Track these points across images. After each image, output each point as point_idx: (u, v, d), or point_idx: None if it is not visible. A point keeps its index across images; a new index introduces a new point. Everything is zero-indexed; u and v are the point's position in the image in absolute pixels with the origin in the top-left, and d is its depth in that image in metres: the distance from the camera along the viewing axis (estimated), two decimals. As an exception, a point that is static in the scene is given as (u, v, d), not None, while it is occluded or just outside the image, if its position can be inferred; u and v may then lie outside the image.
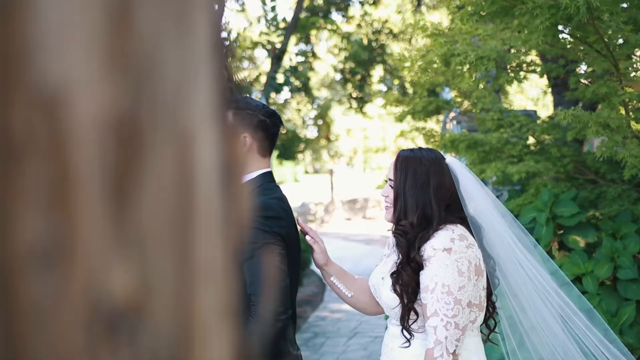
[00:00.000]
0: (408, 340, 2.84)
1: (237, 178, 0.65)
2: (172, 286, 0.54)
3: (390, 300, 2.90)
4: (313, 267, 14.59)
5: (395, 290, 2.85)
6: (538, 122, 6.63)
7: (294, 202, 28.04)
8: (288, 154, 16.19)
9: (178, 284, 0.55)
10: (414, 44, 13.11)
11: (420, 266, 2.77)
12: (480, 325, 2.88)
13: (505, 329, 3.07)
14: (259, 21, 12.40)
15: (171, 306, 0.54)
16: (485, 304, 2.83)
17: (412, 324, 2.83)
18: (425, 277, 2.74)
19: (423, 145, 7.40)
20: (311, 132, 26.17)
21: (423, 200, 2.83)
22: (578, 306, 3.08)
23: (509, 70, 5.66)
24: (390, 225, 2.98)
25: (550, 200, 5.53)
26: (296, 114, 20.62)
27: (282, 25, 11.89)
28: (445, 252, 2.71)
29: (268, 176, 3.35)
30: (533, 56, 6.14)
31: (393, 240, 2.98)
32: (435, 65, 6.26)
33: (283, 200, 3.31)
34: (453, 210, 2.86)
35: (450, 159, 2.93)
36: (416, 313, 2.82)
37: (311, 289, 13.20)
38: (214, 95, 0.60)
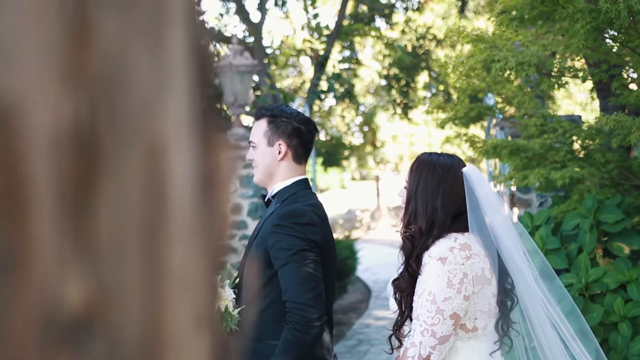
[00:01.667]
0: (400, 345, 2.87)
1: (218, 189, 0.65)
2: (137, 296, 0.54)
3: (394, 307, 2.94)
4: (358, 274, 14.57)
5: (395, 298, 2.90)
6: (583, 127, 6.54)
7: (340, 209, 28.03)
8: (332, 160, 16.19)
9: (145, 294, 0.55)
10: (457, 50, 13.06)
11: (416, 273, 2.81)
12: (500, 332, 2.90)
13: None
14: (302, 28, 12.45)
15: (135, 316, 0.54)
16: (496, 311, 2.85)
17: (407, 332, 2.86)
18: (418, 282, 2.79)
19: (468, 151, 7.35)
20: (357, 139, 26.17)
21: (432, 206, 2.85)
22: (575, 328, 3.06)
23: (552, 75, 5.59)
24: (399, 226, 3.01)
25: (594, 207, 5.46)
26: (341, 120, 20.61)
27: (325, 32, 11.92)
28: (440, 262, 2.74)
29: (303, 183, 3.37)
30: (576, 61, 6.06)
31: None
32: (476, 71, 6.21)
33: (318, 207, 3.34)
34: (464, 219, 2.87)
35: (468, 167, 2.93)
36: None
37: (356, 296, 13.18)
38: (190, 106, 0.60)
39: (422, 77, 16.28)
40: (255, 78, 10.99)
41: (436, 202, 2.85)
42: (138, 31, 0.55)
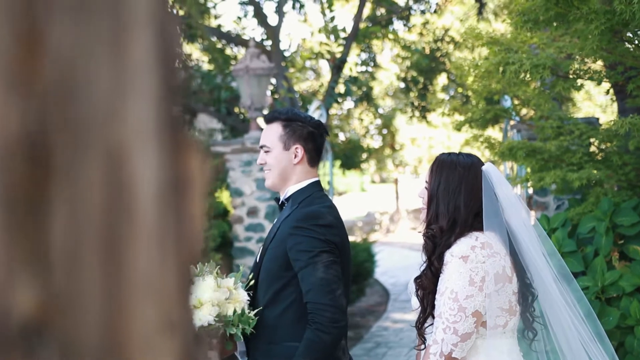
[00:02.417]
0: (423, 343, 2.96)
1: (189, 194, 0.65)
2: (94, 302, 0.54)
3: (416, 304, 3.01)
4: (376, 276, 14.55)
5: (417, 295, 2.97)
6: (600, 129, 6.48)
7: (359, 212, 27.97)
8: (350, 163, 16.14)
9: (104, 299, 0.55)
10: (476, 53, 12.99)
11: (438, 271, 2.87)
12: (522, 330, 2.99)
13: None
14: (320, 31, 12.42)
15: (92, 322, 0.54)
16: (517, 309, 2.91)
17: (426, 326, 2.95)
18: (440, 280, 2.86)
19: (486, 152, 7.31)
20: (376, 142, 26.06)
21: (454, 205, 2.91)
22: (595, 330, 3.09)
23: (567, 78, 5.55)
24: (420, 227, 3.07)
25: (610, 209, 5.41)
26: (359, 123, 20.52)
27: (342, 35, 11.90)
28: (461, 260, 2.81)
29: (317, 185, 3.42)
30: (593, 63, 6.02)
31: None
32: (491, 74, 6.18)
33: (333, 208, 3.39)
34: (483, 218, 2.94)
35: (487, 166, 2.98)
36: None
37: (374, 299, 13.17)
38: (156, 111, 0.60)
39: (441, 80, 16.21)
40: (273, 81, 10.98)
41: (458, 200, 2.90)
42: (96, 37, 0.54)
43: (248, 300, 3.22)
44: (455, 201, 2.90)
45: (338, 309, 3.13)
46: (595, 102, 20.92)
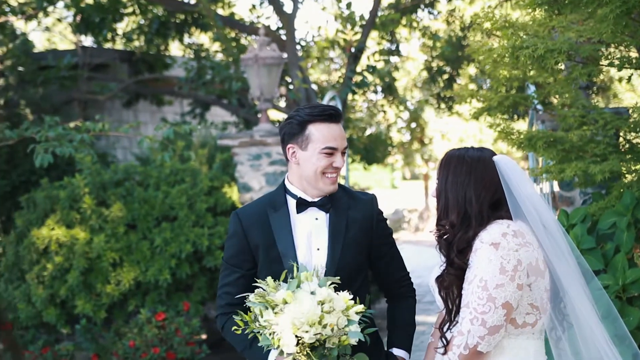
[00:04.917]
0: (444, 347, 2.79)
1: None
2: None
3: (441, 303, 2.90)
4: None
5: (440, 295, 2.85)
6: (630, 120, 6.15)
7: (387, 209, 27.67)
8: (371, 157, 15.83)
9: None
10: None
11: (461, 268, 2.75)
12: (550, 330, 2.86)
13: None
14: (336, 19, 12.14)
15: None
16: (548, 307, 2.78)
17: (450, 328, 2.82)
18: (468, 269, 2.73)
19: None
20: (404, 135, 25.74)
21: (463, 197, 2.80)
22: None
23: (585, 63, 5.28)
24: (434, 228, 2.97)
25: (632, 204, 5.15)
26: (382, 116, 20.07)
27: (360, 23, 11.61)
28: (492, 247, 2.67)
29: None
30: (615, 48, 5.71)
31: None
32: (504, 59, 5.90)
33: None
34: (507, 210, 2.82)
35: (499, 157, 2.86)
36: None
37: (398, 298, 12.86)
38: None
39: (471, 70, 15.86)
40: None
41: (468, 192, 2.80)
42: None
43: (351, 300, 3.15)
44: (464, 193, 2.80)
45: None
46: (638, 93, 20.31)
